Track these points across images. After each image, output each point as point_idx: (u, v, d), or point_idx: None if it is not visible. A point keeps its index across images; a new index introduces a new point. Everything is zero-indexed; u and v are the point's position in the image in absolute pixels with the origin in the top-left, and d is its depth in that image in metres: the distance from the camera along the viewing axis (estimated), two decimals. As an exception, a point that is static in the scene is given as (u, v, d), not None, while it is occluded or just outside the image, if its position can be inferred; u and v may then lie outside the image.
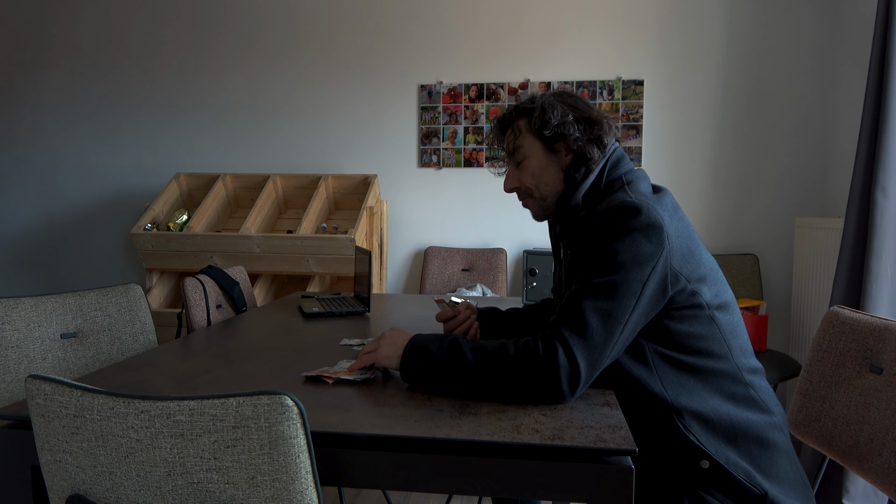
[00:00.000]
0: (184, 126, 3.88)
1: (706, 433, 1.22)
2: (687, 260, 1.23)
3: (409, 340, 1.25)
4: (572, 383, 1.13)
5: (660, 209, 1.22)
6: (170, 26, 3.85)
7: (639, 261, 1.17)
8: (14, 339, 1.59)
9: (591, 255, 1.21)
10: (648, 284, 1.18)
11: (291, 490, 0.84)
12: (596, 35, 3.45)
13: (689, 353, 1.24)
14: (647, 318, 1.21)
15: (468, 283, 3.45)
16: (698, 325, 1.24)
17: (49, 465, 0.91)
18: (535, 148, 1.37)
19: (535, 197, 1.41)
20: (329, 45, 3.70)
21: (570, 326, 1.15)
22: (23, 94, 4.02)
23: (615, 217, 1.20)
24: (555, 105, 1.35)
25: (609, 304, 1.16)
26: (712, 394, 1.25)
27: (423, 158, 3.64)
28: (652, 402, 1.24)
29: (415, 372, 1.22)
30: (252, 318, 2.03)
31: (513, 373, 1.15)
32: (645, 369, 1.24)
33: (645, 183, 1.33)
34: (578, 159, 1.35)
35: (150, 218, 3.38)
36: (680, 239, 1.23)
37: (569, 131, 1.32)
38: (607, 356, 1.16)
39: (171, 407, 0.82)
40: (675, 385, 1.23)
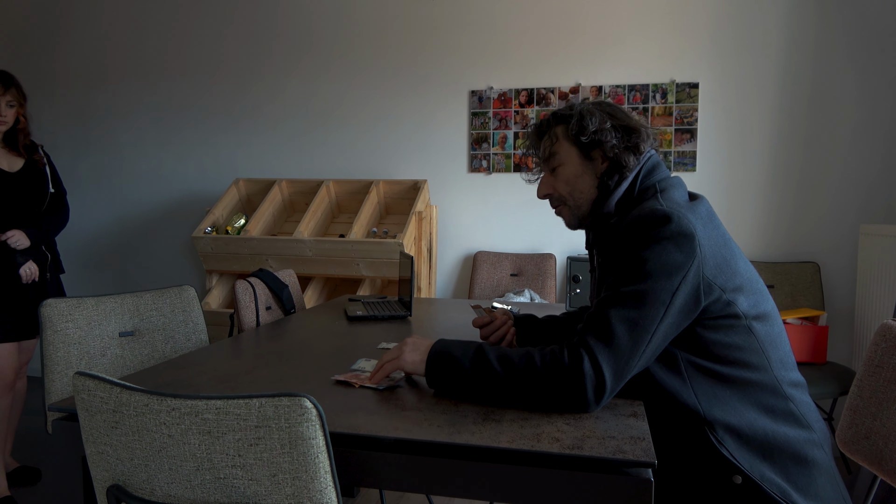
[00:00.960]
0: (243, 133, 4.03)
1: (740, 447, 1.19)
2: (721, 269, 1.21)
3: (433, 345, 1.27)
4: (597, 392, 1.13)
5: (692, 217, 1.20)
6: (229, 38, 4.00)
7: (668, 270, 1.16)
8: (76, 337, 1.70)
9: (620, 263, 1.21)
10: (678, 294, 1.16)
11: (311, 489, 0.88)
12: (648, 37, 3.40)
13: (725, 364, 1.22)
14: (678, 328, 1.19)
15: (516, 287, 3.45)
16: (735, 335, 1.22)
17: (93, 456, 0.98)
18: (571, 155, 1.37)
19: (568, 205, 1.41)
20: (381, 52, 3.77)
21: (597, 335, 1.15)
22: (98, 104, 4.27)
23: (645, 225, 1.19)
24: (593, 112, 1.35)
25: (636, 314, 1.15)
26: (748, 406, 1.22)
27: (474, 163, 3.66)
28: (684, 413, 1.21)
29: (440, 377, 1.24)
30: (299, 320, 2.10)
31: (538, 381, 1.15)
32: (678, 379, 1.22)
33: (679, 191, 1.31)
34: (613, 167, 1.34)
35: (210, 221, 3.53)
36: (713, 248, 1.21)
37: (606, 138, 1.32)
38: (634, 365, 1.15)
39: (200, 405, 0.87)
40: (708, 396, 1.21)
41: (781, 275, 3.19)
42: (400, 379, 1.35)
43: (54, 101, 4.33)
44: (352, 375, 1.36)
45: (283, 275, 2.43)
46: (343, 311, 2.24)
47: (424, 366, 1.25)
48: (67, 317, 1.69)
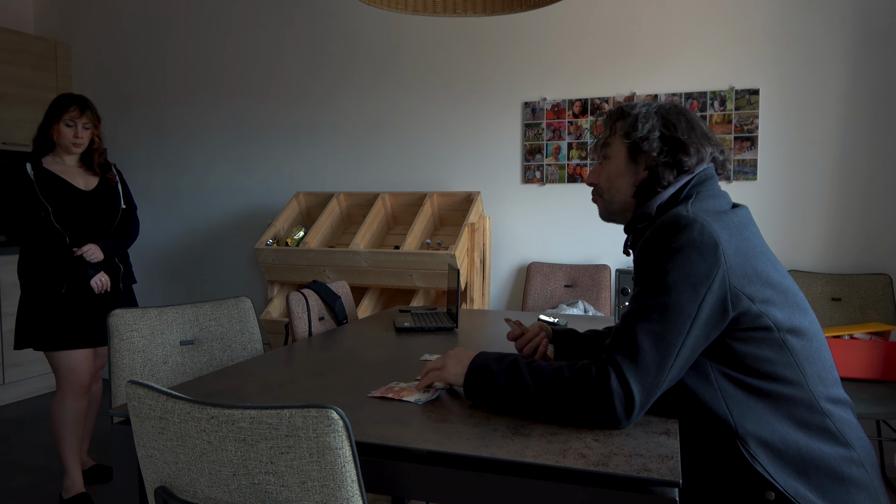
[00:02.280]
0: (305, 147, 4.17)
1: (773, 462, 1.17)
2: (751, 279, 1.18)
3: (473, 358, 1.29)
4: (627, 409, 1.12)
5: (716, 225, 1.17)
6: (292, 58, 4.16)
7: (692, 281, 1.14)
8: (140, 345, 1.81)
9: (643, 273, 1.20)
10: (704, 305, 1.14)
11: (338, 496, 0.92)
12: (706, 43, 3.33)
13: (758, 377, 1.19)
14: (707, 340, 1.17)
15: (570, 299, 3.43)
16: (767, 349, 1.19)
17: (143, 459, 1.05)
18: (620, 152, 1.36)
19: (602, 197, 1.42)
20: (435, 66, 3.84)
21: (623, 351, 1.14)
22: (170, 122, 4.51)
23: (666, 232, 1.18)
24: (649, 117, 1.32)
25: (662, 327, 1.13)
26: (782, 420, 1.19)
27: (527, 174, 3.67)
28: (715, 424, 1.20)
29: (477, 391, 1.26)
30: (349, 330, 2.16)
31: (567, 397, 1.16)
32: (709, 390, 1.20)
33: (717, 200, 1.27)
34: (651, 179, 1.32)
35: (271, 234, 3.67)
36: (741, 258, 1.18)
37: (649, 147, 1.30)
38: (663, 380, 1.14)
39: (236, 414, 0.93)
40: (741, 407, 1.19)
41: (849, 287, 3.05)
42: (438, 390, 1.38)
43: (131, 120, 4.60)
44: (387, 389, 1.40)
45: (336, 286, 2.50)
46: (392, 322, 2.29)
47: (464, 379, 1.28)
48: (132, 326, 1.80)
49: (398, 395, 1.36)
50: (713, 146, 1.33)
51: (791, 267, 3.24)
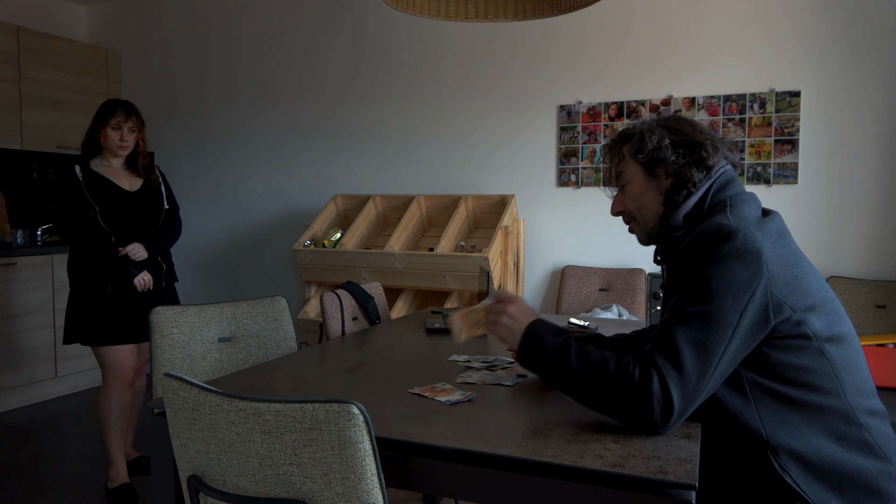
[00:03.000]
0: (342, 151, 4.24)
1: (805, 475, 1.15)
2: (792, 288, 1.17)
3: (528, 325, 1.28)
4: (664, 414, 1.11)
5: (759, 234, 1.17)
6: (330, 64, 4.24)
7: (735, 289, 1.13)
8: (180, 341, 1.88)
9: (684, 281, 1.18)
10: (746, 314, 1.13)
11: (359, 489, 0.95)
12: (746, 44, 3.27)
13: (793, 386, 1.17)
14: (747, 349, 1.16)
15: (605, 303, 3.41)
16: (805, 357, 1.17)
17: (177, 449, 1.10)
18: (636, 173, 1.38)
19: (637, 221, 1.41)
20: (470, 70, 3.87)
21: (665, 356, 1.13)
22: (214, 127, 4.64)
23: (709, 241, 1.17)
24: (653, 130, 1.35)
25: (703, 335, 1.12)
26: (818, 433, 1.17)
27: (562, 178, 3.66)
28: (745, 436, 1.18)
29: (527, 359, 1.26)
30: (381, 330, 2.21)
31: (606, 389, 1.15)
32: (741, 400, 1.19)
33: (751, 206, 1.27)
34: (679, 182, 1.33)
35: (309, 235, 3.75)
36: (783, 266, 1.17)
37: (665, 155, 1.32)
38: (703, 388, 1.12)
39: (262, 408, 0.97)
40: (773, 419, 1.17)
41: (895, 295, 2.96)
42: (472, 395, 1.39)
43: (176, 124, 4.75)
44: (427, 388, 1.43)
45: (370, 287, 2.55)
46: (423, 324, 2.32)
47: (517, 343, 1.27)
48: (173, 323, 1.88)
49: (434, 394, 1.39)
50: (723, 143, 1.33)
51: (833, 273, 3.16)
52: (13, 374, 3.85)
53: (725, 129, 3.29)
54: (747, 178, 3.26)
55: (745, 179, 3.27)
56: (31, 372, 3.95)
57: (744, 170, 3.27)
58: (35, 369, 3.97)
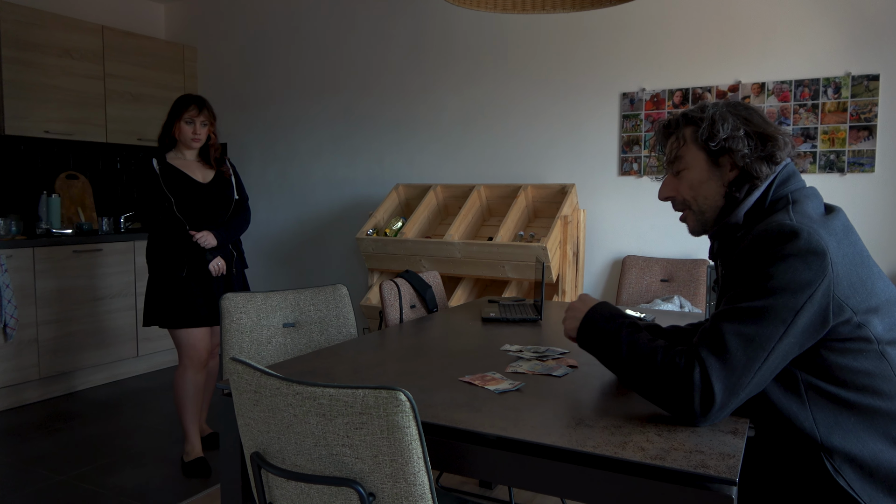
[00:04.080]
0: (406, 142, 4.32)
1: (861, 479, 1.13)
2: (856, 289, 1.14)
3: (590, 309, 1.32)
4: (704, 405, 1.11)
5: (824, 233, 1.13)
6: (391, 55, 4.31)
7: (793, 288, 1.10)
8: (248, 326, 1.99)
9: (742, 277, 1.16)
10: (803, 313, 1.10)
11: (406, 471, 1.01)
12: (819, 25, 3.13)
13: (851, 389, 1.15)
14: (800, 349, 1.14)
15: (666, 294, 3.36)
16: (865, 360, 1.15)
17: (241, 427, 1.19)
18: (698, 160, 1.31)
19: (692, 210, 1.36)
20: (531, 58, 3.85)
21: (710, 348, 1.12)
22: (283, 119, 4.80)
23: (772, 240, 1.14)
24: (726, 117, 1.28)
25: (753, 330, 1.11)
26: (874, 437, 1.14)
27: (624, 167, 3.61)
28: (799, 438, 1.17)
29: (585, 340, 1.31)
30: (438, 318, 2.26)
31: (652, 377, 1.16)
32: (796, 401, 1.17)
33: (813, 203, 1.23)
34: (743, 176, 1.28)
35: (372, 224, 3.85)
36: (848, 266, 1.14)
37: (737, 146, 1.26)
38: (747, 383, 1.11)
39: (317, 392, 1.03)
40: (828, 422, 1.15)
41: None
42: (520, 384, 1.43)
43: (247, 117, 4.94)
44: (478, 377, 1.47)
45: (428, 276, 2.61)
46: (479, 312, 2.36)
47: (577, 326, 1.32)
48: (242, 308, 1.99)
49: (484, 382, 1.43)
50: (790, 136, 1.29)
51: (913, 266, 3.02)
52: (99, 352, 4.13)
53: (797, 115, 3.17)
54: (819, 167, 3.14)
55: (817, 168, 3.14)
56: (114, 351, 4.22)
57: (816, 157, 3.14)
58: (118, 349, 4.25)
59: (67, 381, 4.02)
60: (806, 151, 3.15)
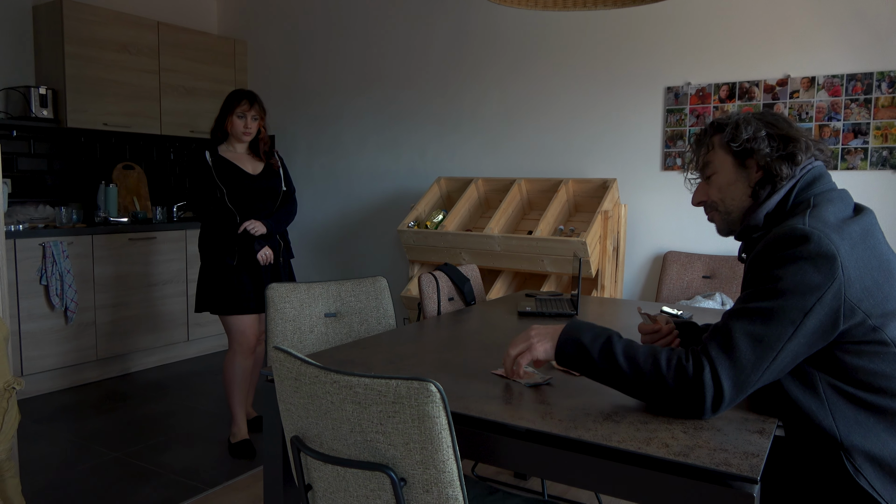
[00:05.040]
0: (448, 135, 4.36)
1: (882, 478, 1.14)
2: (871, 292, 1.15)
3: (563, 330, 1.29)
4: (715, 403, 1.15)
5: (836, 238, 1.15)
6: (438, 51, 4.34)
7: (802, 290, 1.13)
8: (291, 315, 2.07)
9: (754, 279, 1.20)
10: (812, 315, 1.13)
11: (436, 459, 1.06)
12: (873, 17, 3.03)
13: (871, 391, 1.17)
14: (810, 349, 1.16)
15: (707, 290, 3.32)
16: (882, 363, 1.16)
17: (283, 412, 1.26)
18: (725, 163, 1.37)
19: (719, 211, 1.41)
20: (575, 52, 3.84)
21: (720, 347, 1.16)
22: (329, 113, 4.90)
23: (782, 244, 1.18)
24: (749, 121, 1.35)
25: (762, 330, 1.14)
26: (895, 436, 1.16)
27: (667, 161, 3.58)
28: (820, 436, 1.19)
29: (569, 363, 1.28)
30: (475, 311, 2.31)
31: (660, 385, 1.18)
32: (815, 401, 1.19)
33: (836, 206, 1.24)
34: (767, 176, 1.32)
35: (413, 216, 3.91)
36: (862, 270, 1.15)
37: (758, 146, 1.31)
38: (755, 380, 1.15)
39: (353, 381, 1.09)
40: (848, 421, 1.17)
41: None
42: (549, 378, 1.46)
43: (295, 111, 5.06)
44: (501, 371, 1.51)
45: (466, 269, 2.65)
46: (516, 306, 2.39)
47: (554, 348, 1.30)
48: (286, 298, 2.07)
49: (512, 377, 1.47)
50: (813, 142, 1.32)
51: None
52: (152, 336, 4.32)
53: (848, 110, 3.08)
54: (870, 163, 3.05)
55: (868, 164, 3.06)
56: (167, 335, 4.41)
57: (867, 154, 3.06)
58: (170, 333, 4.43)
59: (122, 363, 4.22)
60: (857, 147, 3.07)
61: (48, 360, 3.79)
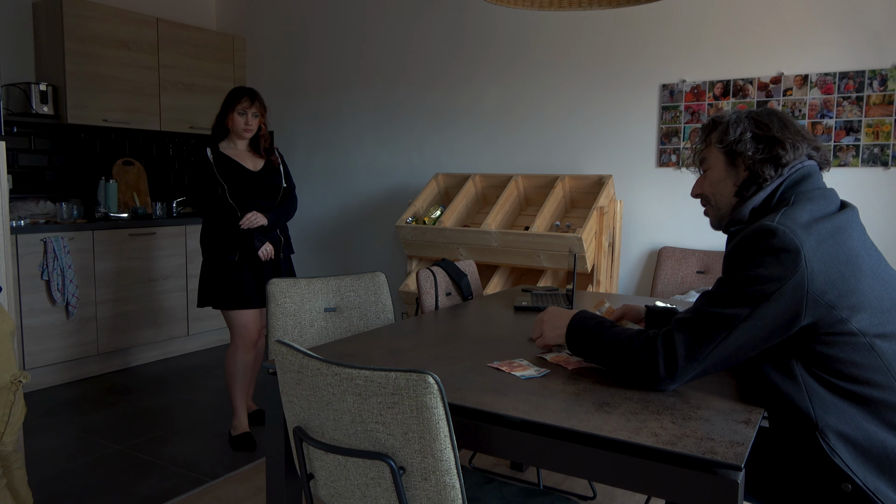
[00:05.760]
0: (446, 132, 4.39)
1: (855, 457, 1.21)
2: (835, 285, 1.21)
3: (572, 318, 1.49)
4: (668, 368, 1.27)
5: (801, 233, 1.21)
6: (436, 47, 4.37)
7: (763, 279, 1.21)
8: (292, 310, 2.11)
9: (724, 269, 1.31)
10: (770, 302, 1.21)
11: (434, 448, 1.10)
12: (864, 16, 3.07)
13: (843, 379, 1.24)
14: (769, 337, 1.24)
15: (701, 285, 3.37)
16: (853, 353, 1.23)
17: (286, 404, 1.30)
18: (718, 160, 1.44)
19: (711, 205, 1.49)
20: (571, 49, 3.87)
21: (682, 322, 1.29)
22: (327, 109, 4.93)
23: (751, 239, 1.25)
24: (739, 122, 1.40)
25: (720, 310, 1.24)
26: (869, 420, 1.22)
27: (662, 158, 3.62)
28: (797, 418, 1.26)
29: (574, 345, 1.48)
30: (472, 306, 2.35)
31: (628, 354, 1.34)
32: (793, 385, 1.26)
33: (815, 204, 1.29)
34: (752, 177, 1.39)
35: (411, 212, 3.94)
36: (828, 264, 1.21)
37: (743, 149, 1.38)
38: (707, 353, 1.25)
39: (354, 373, 1.13)
40: (824, 404, 1.24)
41: None
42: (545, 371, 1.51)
43: (294, 108, 5.08)
44: (505, 363, 1.55)
45: (463, 265, 2.69)
46: (512, 301, 2.44)
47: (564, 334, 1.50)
48: (286, 293, 2.10)
49: (511, 368, 1.51)
50: (808, 142, 1.36)
51: (958, 262, 2.96)
52: (152, 331, 4.36)
53: (840, 107, 3.12)
54: (862, 160, 3.10)
55: (860, 161, 3.10)
56: (167, 329, 4.45)
57: (859, 151, 3.10)
58: (171, 327, 4.47)
59: (123, 357, 4.26)
60: (848, 145, 3.12)
61: (50, 355, 3.83)
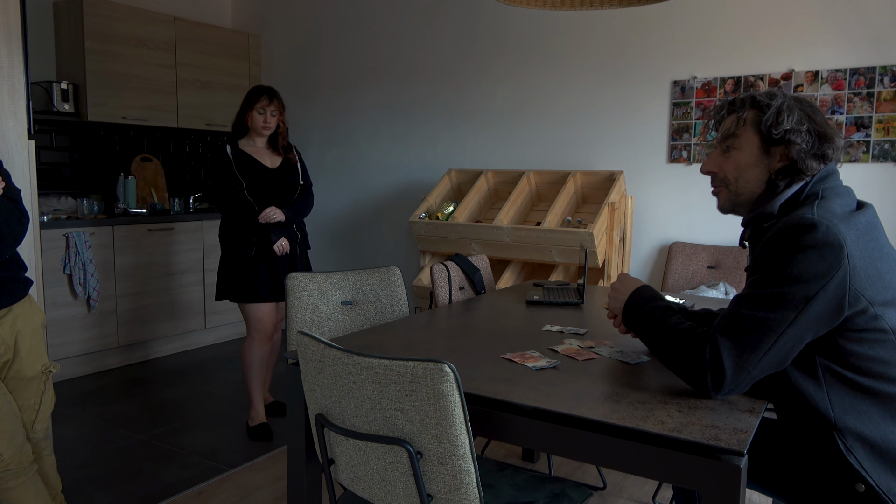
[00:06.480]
0: (459, 128, 4.44)
1: (871, 458, 1.21)
2: (873, 281, 1.21)
3: (631, 293, 1.46)
4: (715, 380, 1.23)
5: (843, 227, 1.20)
6: (448, 44, 4.42)
7: (807, 277, 1.18)
8: (310, 303, 2.17)
9: (763, 265, 1.24)
10: (815, 301, 1.18)
11: (450, 434, 1.15)
12: (877, 12, 3.08)
13: (867, 376, 1.23)
14: (815, 334, 1.22)
15: (711, 280, 3.40)
16: (881, 350, 1.22)
17: (307, 392, 1.36)
18: (752, 143, 1.35)
19: (729, 189, 1.40)
20: (583, 46, 3.90)
21: (724, 329, 1.24)
22: (342, 106, 4.99)
23: (791, 232, 1.21)
24: (793, 109, 1.31)
25: (765, 314, 1.20)
26: (888, 421, 1.23)
27: (673, 154, 3.65)
28: (814, 417, 1.25)
29: (629, 323, 1.46)
30: (485, 300, 2.40)
31: (677, 355, 1.29)
32: (813, 383, 1.25)
33: (841, 200, 1.29)
34: (791, 168, 1.32)
35: (424, 208, 4.00)
36: (867, 259, 1.21)
37: (797, 139, 1.30)
38: (756, 362, 1.21)
39: (373, 363, 1.19)
40: (843, 404, 1.23)
41: None
42: (556, 362, 1.56)
43: (308, 105, 5.15)
44: (518, 355, 1.61)
45: (476, 259, 2.74)
46: (525, 295, 2.49)
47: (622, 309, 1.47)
48: (304, 287, 2.17)
49: (523, 360, 1.56)
50: (842, 139, 1.34)
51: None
52: (171, 324, 4.45)
53: (851, 104, 3.14)
54: (872, 156, 3.11)
55: (870, 157, 3.12)
56: (185, 323, 4.53)
57: (869, 147, 3.11)
58: (188, 321, 4.55)
59: (143, 350, 4.35)
60: (859, 140, 3.13)
61: (72, 347, 3.92)
